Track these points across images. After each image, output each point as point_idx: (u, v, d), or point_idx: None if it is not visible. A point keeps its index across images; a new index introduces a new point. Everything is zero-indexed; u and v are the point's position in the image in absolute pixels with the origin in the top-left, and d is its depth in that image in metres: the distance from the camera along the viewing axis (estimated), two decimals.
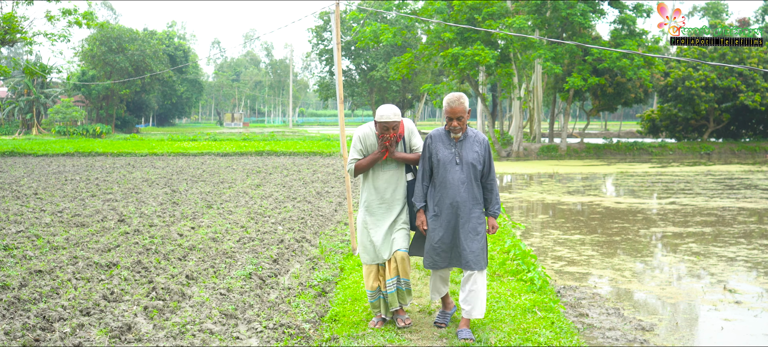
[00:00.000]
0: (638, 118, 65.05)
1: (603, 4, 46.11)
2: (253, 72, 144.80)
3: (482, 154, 7.48)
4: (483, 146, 7.51)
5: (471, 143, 7.48)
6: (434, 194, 7.50)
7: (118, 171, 27.44)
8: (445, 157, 7.42)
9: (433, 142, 7.53)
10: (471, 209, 7.39)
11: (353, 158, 7.71)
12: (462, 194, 7.36)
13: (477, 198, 7.45)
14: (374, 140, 7.66)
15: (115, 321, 7.55)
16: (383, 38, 48.05)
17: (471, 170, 7.39)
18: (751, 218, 17.98)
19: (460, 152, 7.43)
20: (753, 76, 48.37)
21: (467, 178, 7.38)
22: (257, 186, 21.87)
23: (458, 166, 7.39)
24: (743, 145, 49.86)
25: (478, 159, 7.43)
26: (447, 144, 7.47)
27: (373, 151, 7.68)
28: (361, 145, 7.70)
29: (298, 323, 7.71)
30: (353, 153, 7.71)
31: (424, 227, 7.50)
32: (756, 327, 8.90)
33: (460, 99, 7.38)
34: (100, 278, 9.52)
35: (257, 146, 43.50)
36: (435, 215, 7.44)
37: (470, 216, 7.37)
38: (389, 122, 7.40)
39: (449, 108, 7.37)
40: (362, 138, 7.71)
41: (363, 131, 7.74)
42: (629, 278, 11.57)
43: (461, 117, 7.34)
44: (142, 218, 14.94)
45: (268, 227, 13.92)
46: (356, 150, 7.69)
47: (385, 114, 7.42)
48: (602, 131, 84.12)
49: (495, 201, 7.56)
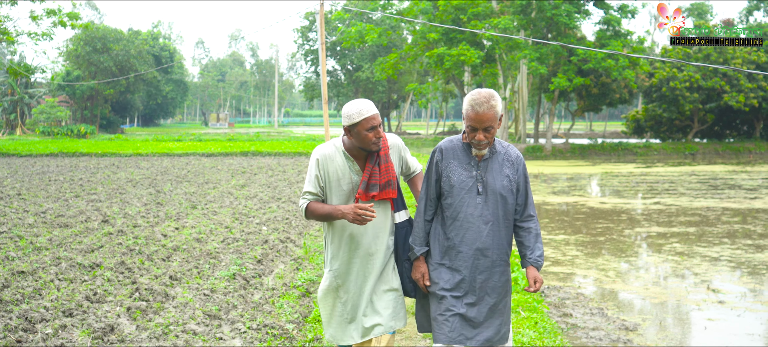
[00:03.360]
0: (623, 118, 65.23)
1: (588, 4, 46.27)
2: (238, 72, 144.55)
3: (516, 179, 5.25)
4: (517, 168, 5.26)
5: (500, 163, 5.23)
6: (443, 235, 5.26)
7: (103, 172, 27.34)
8: (463, 182, 5.17)
9: (445, 158, 5.25)
10: (495, 262, 5.20)
11: (307, 193, 5.36)
12: (485, 239, 5.15)
13: (504, 246, 5.23)
14: (344, 165, 5.33)
15: (97, 322, 7.52)
16: (369, 39, 48.19)
17: (500, 203, 5.18)
18: (734, 218, 18.05)
19: (485, 176, 5.18)
20: (737, 76, 48.61)
21: (493, 215, 5.17)
22: (242, 187, 21.84)
23: (481, 196, 5.16)
24: (727, 145, 50.07)
25: (510, 187, 5.21)
26: (465, 164, 5.20)
27: (339, 183, 5.33)
28: (319, 172, 5.33)
29: (282, 323, 7.70)
30: (307, 185, 5.37)
31: (424, 282, 5.27)
32: (739, 326, 8.93)
33: (490, 100, 5.00)
34: (83, 279, 9.48)
35: (242, 146, 43.49)
36: (442, 263, 5.22)
37: (492, 271, 5.19)
38: (376, 114, 5.22)
39: (474, 114, 4.99)
40: (322, 163, 5.32)
41: (324, 152, 5.35)
42: (613, 278, 11.60)
43: (490, 128, 5.02)
44: (126, 219, 14.90)
45: (253, 228, 13.90)
46: (311, 183, 5.33)
47: (366, 108, 5.17)
48: (587, 132, 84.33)
49: (536, 246, 5.30)
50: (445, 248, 5.23)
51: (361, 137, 5.17)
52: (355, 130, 5.17)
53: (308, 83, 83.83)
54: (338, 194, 5.35)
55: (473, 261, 5.15)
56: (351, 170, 5.34)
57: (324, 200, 5.39)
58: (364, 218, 5.01)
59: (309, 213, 5.35)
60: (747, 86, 48.23)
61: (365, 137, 5.16)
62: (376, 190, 5.26)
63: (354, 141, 5.25)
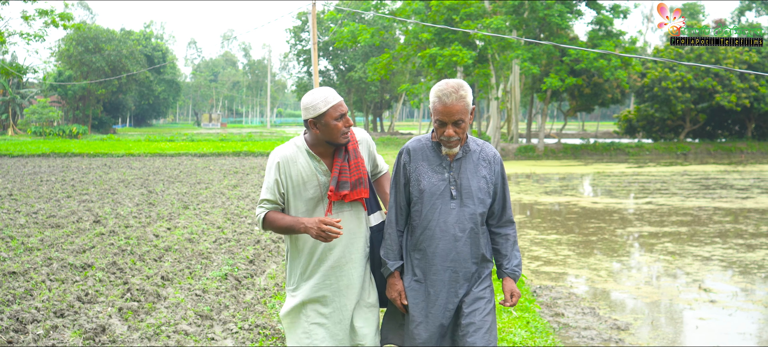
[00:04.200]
0: (615, 118, 65.29)
1: (580, 4, 46.36)
2: (230, 72, 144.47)
3: (493, 180, 4.73)
4: (493, 168, 4.74)
5: (475, 163, 4.70)
6: (414, 247, 4.72)
7: (95, 172, 27.29)
8: (433, 186, 4.63)
9: (413, 160, 4.71)
10: (475, 274, 4.70)
11: (265, 201, 4.69)
12: (461, 249, 4.61)
13: (485, 255, 4.73)
14: (309, 166, 4.66)
15: (89, 323, 7.50)
16: (361, 39, 48.19)
17: (475, 207, 4.64)
18: (726, 217, 18.09)
19: (458, 177, 4.64)
20: (729, 76, 48.72)
21: (470, 221, 4.62)
22: (234, 187, 21.82)
23: (455, 201, 4.61)
24: (719, 145, 50.18)
25: (487, 189, 4.68)
26: (436, 165, 4.66)
27: (304, 187, 4.66)
28: (279, 176, 4.67)
29: (274, 324, 7.69)
30: (264, 192, 4.70)
31: (402, 301, 4.70)
32: (730, 325, 8.94)
33: (459, 90, 4.47)
34: (75, 279, 9.46)
35: (235, 146, 43.47)
36: (417, 280, 4.68)
37: (473, 286, 4.69)
38: (342, 101, 4.63)
39: (441, 106, 4.48)
40: (283, 166, 4.66)
41: (284, 153, 4.68)
42: (605, 277, 11.61)
43: (460, 121, 4.49)
44: (117, 219, 14.87)
45: (245, 228, 13.89)
46: (269, 189, 4.67)
47: (331, 95, 4.59)
48: (579, 132, 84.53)
49: (513, 255, 4.83)
50: (417, 260, 4.69)
51: (330, 128, 4.55)
52: (323, 121, 4.55)
53: (301, 83, 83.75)
54: (303, 200, 4.68)
55: (450, 275, 4.61)
56: (317, 170, 4.66)
57: (283, 209, 4.73)
58: (329, 234, 4.37)
59: (266, 225, 4.66)
60: (739, 86, 48.34)
61: (334, 127, 4.55)
62: (347, 189, 4.64)
63: (320, 135, 4.61)
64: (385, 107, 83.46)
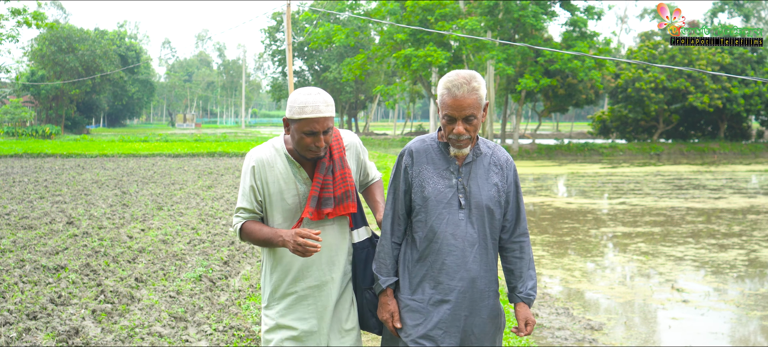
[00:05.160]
0: (589, 119, 65.72)
1: (555, 6, 46.58)
2: (205, 72, 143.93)
3: (505, 188, 4.13)
4: (506, 174, 4.14)
5: (486, 168, 4.09)
6: (416, 262, 4.10)
7: (68, 173, 27.10)
8: (440, 193, 4.02)
9: (417, 163, 4.09)
10: (483, 295, 4.07)
11: (241, 210, 4.23)
12: (471, 266, 4.01)
13: (493, 273, 4.14)
14: (288, 171, 4.16)
15: (62, 325, 7.46)
16: (336, 39, 48.18)
17: (486, 218, 4.05)
18: (699, 218, 18.22)
19: (468, 184, 4.04)
20: (702, 77, 49.12)
21: (480, 234, 4.05)
22: (209, 187, 21.73)
23: (464, 211, 4.01)
24: (692, 146, 50.56)
25: (498, 198, 4.09)
26: (443, 170, 4.05)
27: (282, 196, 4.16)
28: (255, 182, 4.17)
29: (249, 325, 7.68)
30: (241, 200, 4.22)
31: (395, 322, 4.11)
32: (703, 325, 9.02)
33: (472, 82, 3.88)
34: (48, 281, 9.39)
35: (209, 146, 43.30)
36: (416, 300, 4.06)
37: (480, 306, 4.06)
38: (322, 117, 3.99)
39: (451, 99, 3.88)
40: (259, 170, 4.15)
41: (260, 156, 4.18)
42: (579, 278, 11.67)
43: (472, 117, 3.89)
44: (91, 220, 14.78)
45: (219, 229, 13.84)
46: (245, 197, 4.19)
47: (312, 105, 4.00)
48: (554, 132, 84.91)
49: (528, 275, 4.21)
50: (419, 280, 4.06)
51: (296, 139, 4.03)
52: (293, 127, 4.03)
53: (275, 84, 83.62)
54: (281, 209, 4.18)
55: (457, 295, 3.98)
56: (297, 177, 4.16)
57: (262, 217, 4.25)
58: (307, 248, 3.85)
59: (244, 236, 4.21)
60: (711, 87, 48.74)
61: (300, 140, 4.02)
62: (330, 206, 4.11)
63: (290, 139, 4.15)
64: (360, 108, 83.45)
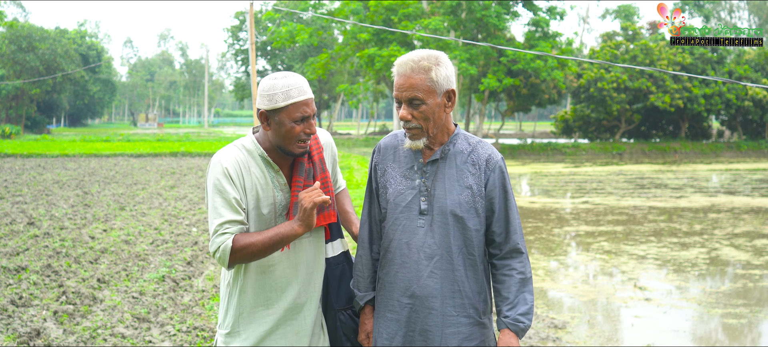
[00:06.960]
0: (552, 119, 66.04)
1: (517, 6, 46.83)
2: (167, 72, 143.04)
3: (481, 191, 3.46)
4: (486, 176, 3.47)
5: (458, 167, 3.48)
6: (381, 272, 3.61)
7: (28, 173, 26.82)
8: (398, 196, 3.51)
9: (383, 160, 3.62)
10: (447, 321, 3.43)
11: (227, 223, 3.44)
12: (426, 283, 3.42)
13: (467, 294, 3.44)
14: (265, 176, 3.56)
15: (23, 327, 7.38)
16: (299, 39, 48.14)
17: (452, 228, 3.43)
18: (660, 216, 18.37)
19: (432, 186, 3.46)
20: (663, 77, 49.56)
21: (441, 246, 3.43)
22: (171, 187, 21.60)
23: (424, 217, 3.44)
24: (654, 145, 50.98)
25: (472, 203, 3.45)
26: (406, 168, 3.53)
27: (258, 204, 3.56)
28: (237, 189, 3.50)
29: (212, 326, 7.64)
30: (224, 212, 3.46)
31: (370, 343, 3.66)
32: (665, 323, 9.09)
33: (420, 61, 3.38)
34: (8, 282, 9.29)
35: (172, 146, 43.06)
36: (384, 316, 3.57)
37: (446, 333, 3.43)
38: (310, 98, 3.49)
39: (396, 77, 3.41)
40: (236, 174, 3.52)
41: (234, 158, 3.56)
42: (543, 277, 11.72)
43: (416, 100, 3.36)
44: (52, 221, 14.63)
45: (183, 229, 13.76)
46: (228, 206, 3.46)
47: (297, 87, 3.44)
48: (517, 132, 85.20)
49: (520, 299, 3.46)
50: (382, 289, 3.58)
51: (284, 130, 3.45)
52: (277, 119, 3.45)
53: (238, 83, 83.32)
54: (256, 222, 3.58)
55: (408, 315, 3.45)
56: (274, 183, 3.58)
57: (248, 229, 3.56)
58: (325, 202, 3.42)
59: (237, 253, 3.42)
60: (672, 87, 49.20)
61: (289, 131, 3.45)
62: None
63: (271, 135, 3.53)
64: (324, 107, 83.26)
